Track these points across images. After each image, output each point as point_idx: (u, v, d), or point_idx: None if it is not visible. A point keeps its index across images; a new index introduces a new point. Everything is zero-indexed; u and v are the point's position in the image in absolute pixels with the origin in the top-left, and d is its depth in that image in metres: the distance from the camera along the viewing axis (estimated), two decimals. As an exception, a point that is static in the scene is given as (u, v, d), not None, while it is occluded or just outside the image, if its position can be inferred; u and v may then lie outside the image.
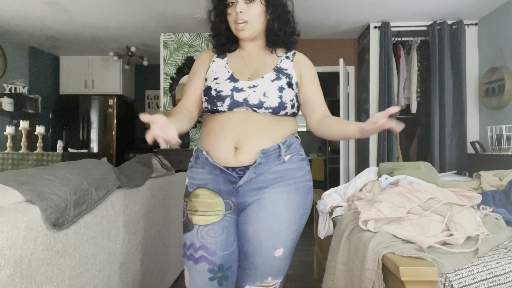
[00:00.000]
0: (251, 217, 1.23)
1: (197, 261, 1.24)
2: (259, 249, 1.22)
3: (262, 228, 1.21)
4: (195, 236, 1.25)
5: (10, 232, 1.03)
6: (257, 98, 1.22)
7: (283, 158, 1.24)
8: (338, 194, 2.18)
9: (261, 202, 1.23)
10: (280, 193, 1.23)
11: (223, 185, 1.25)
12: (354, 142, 5.04)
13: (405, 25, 4.39)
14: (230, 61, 1.34)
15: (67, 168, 1.45)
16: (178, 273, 2.70)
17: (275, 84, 1.25)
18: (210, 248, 1.24)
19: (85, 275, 1.41)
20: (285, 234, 1.23)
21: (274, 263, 1.24)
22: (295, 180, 1.26)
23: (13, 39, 5.08)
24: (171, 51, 4.68)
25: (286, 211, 1.23)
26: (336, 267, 1.59)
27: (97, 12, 4.09)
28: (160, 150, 4.25)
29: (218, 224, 1.25)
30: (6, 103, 4.77)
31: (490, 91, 3.97)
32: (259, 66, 1.31)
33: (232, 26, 1.30)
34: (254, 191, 1.24)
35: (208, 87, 1.28)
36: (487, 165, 3.43)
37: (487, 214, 1.58)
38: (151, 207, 2.10)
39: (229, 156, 1.20)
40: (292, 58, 1.36)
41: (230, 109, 1.23)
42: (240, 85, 1.25)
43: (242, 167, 1.21)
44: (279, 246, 1.23)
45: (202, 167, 1.28)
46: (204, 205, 1.26)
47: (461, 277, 1.17)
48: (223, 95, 1.23)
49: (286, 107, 1.24)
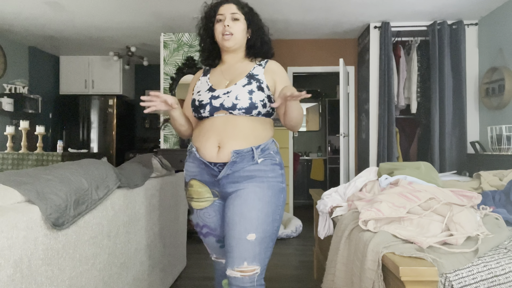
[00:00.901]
0: (229, 203, 1.46)
1: (205, 235, 1.59)
2: (233, 231, 1.40)
3: (236, 213, 1.42)
4: (197, 218, 1.58)
5: (10, 232, 1.03)
6: (231, 102, 1.46)
7: (256, 160, 1.45)
8: (338, 194, 2.18)
9: (238, 193, 1.45)
10: (253, 187, 1.44)
11: (208, 177, 1.51)
12: (354, 142, 5.04)
13: (405, 25, 4.39)
14: (212, 77, 1.61)
15: (67, 168, 1.45)
16: (178, 273, 2.70)
17: (246, 88, 1.48)
18: (210, 226, 1.57)
19: (85, 275, 1.41)
20: (256, 222, 1.40)
21: (248, 247, 1.38)
22: (267, 179, 1.46)
23: (13, 39, 5.08)
24: (171, 51, 4.67)
25: (258, 201, 1.43)
26: (336, 267, 1.59)
27: (97, 12, 4.09)
28: (160, 150, 4.25)
29: (210, 208, 1.55)
30: (6, 103, 4.77)
31: (490, 91, 3.97)
32: (235, 75, 1.56)
33: (219, 36, 1.55)
34: (231, 183, 1.46)
35: (193, 99, 1.56)
36: (487, 165, 3.43)
37: (487, 214, 1.58)
38: (151, 207, 2.10)
39: (213, 154, 1.46)
40: (264, 65, 1.59)
41: (211, 113, 1.49)
42: (217, 93, 1.51)
43: (221, 163, 1.45)
44: (251, 231, 1.39)
45: (193, 161, 1.54)
46: (197, 193, 1.54)
47: (461, 277, 1.17)
48: (204, 103, 1.50)
49: (257, 107, 1.46)
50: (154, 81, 6.42)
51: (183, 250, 2.81)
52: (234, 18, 1.54)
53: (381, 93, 4.34)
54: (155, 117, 6.42)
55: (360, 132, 4.95)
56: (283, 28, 4.64)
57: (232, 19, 1.54)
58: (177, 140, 4.63)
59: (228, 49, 1.57)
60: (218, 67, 1.64)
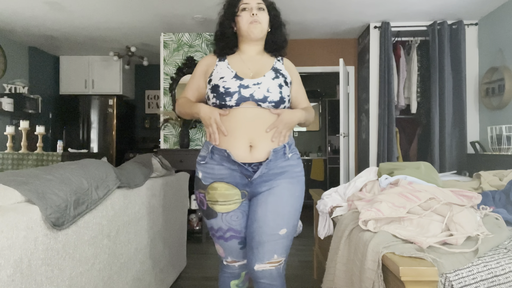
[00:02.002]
0: (261, 201, 1.47)
1: (228, 239, 1.54)
2: (265, 227, 1.43)
3: (270, 210, 1.45)
4: (221, 222, 1.51)
5: (10, 232, 1.03)
6: (262, 94, 1.43)
7: (288, 156, 1.50)
8: (338, 194, 2.18)
9: (271, 190, 1.47)
10: (286, 183, 1.48)
11: (239, 178, 1.47)
12: (354, 142, 5.04)
13: (405, 25, 4.39)
14: (231, 63, 1.55)
15: (67, 168, 1.45)
16: (178, 273, 2.70)
17: (276, 82, 1.48)
18: (236, 229, 1.52)
19: (85, 275, 1.41)
20: (288, 217, 1.47)
21: (279, 241, 1.45)
22: (296, 174, 1.53)
23: (13, 39, 5.08)
24: (171, 51, 4.67)
25: (291, 198, 1.48)
26: (336, 267, 1.59)
27: (97, 12, 4.09)
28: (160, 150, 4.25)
29: (238, 210, 1.51)
30: (6, 103, 4.76)
31: (490, 91, 3.97)
32: (259, 66, 1.54)
33: (245, 26, 1.51)
34: (264, 182, 1.47)
35: (215, 85, 1.47)
36: (487, 165, 3.43)
37: (487, 214, 1.58)
38: (151, 207, 2.10)
39: (246, 154, 1.44)
40: (282, 62, 1.63)
41: (238, 103, 1.43)
42: (246, 82, 1.45)
43: (256, 163, 1.44)
44: (283, 226, 1.46)
45: (220, 163, 1.47)
46: (223, 196, 1.48)
47: (461, 277, 1.17)
48: (231, 91, 1.43)
49: (285, 101, 1.48)
50: (154, 81, 6.42)
51: (183, 250, 2.81)
52: (260, 8, 1.53)
53: (381, 93, 4.34)
54: (155, 117, 6.42)
55: (360, 132, 4.95)
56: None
57: (258, 8, 1.52)
58: (177, 140, 4.63)
59: (253, 38, 1.53)
60: (236, 55, 1.59)
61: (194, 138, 4.60)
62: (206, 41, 4.64)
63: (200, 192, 1.53)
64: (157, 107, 6.57)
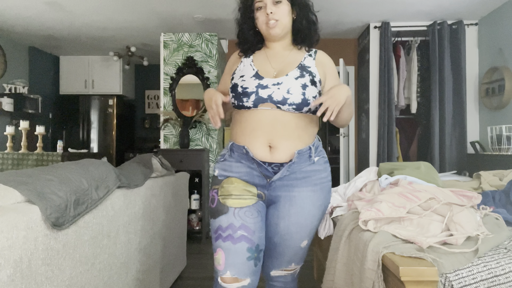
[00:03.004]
0: (283, 212, 1.36)
1: (236, 241, 1.29)
2: (289, 241, 1.38)
3: (293, 223, 1.36)
4: (233, 217, 1.31)
5: (10, 232, 1.03)
6: (281, 95, 1.29)
7: (313, 159, 1.37)
8: (338, 194, 2.18)
9: (292, 200, 1.36)
10: (308, 192, 1.36)
11: (258, 178, 1.36)
12: (354, 142, 5.04)
13: (405, 25, 4.39)
14: (256, 60, 1.43)
15: (67, 168, 1.45)
16: (178, 273, 2.69)
17: (299, 82, 1.32)
18: (250, 228, 1.31)
19: (85, 275, 1.41)
20: (310, 228, 1.40)
21: (300, 252, 1.43)
22: (320, 180, 1.39)
23: (13, 39, 5.08)
24: (171, 51, 4.67)
25: (313, 208, 1.37)
26: (336, 267, 1.59)
27: (97, 12, 4.09)
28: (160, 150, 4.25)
29: (253, 207, 1.34)
30: (6, 103, 4.76)
31: (490, 91, 3.97)
32: (284, 64, 1.39)
33: (262, 27, 1.38)
34: (285, 187, 1.36)
35: (235, 84, 1.36)
36: (487, 165, 3.43)
37: (487, 214, 1.58)
38: (151, 207, 2.10)
39: (266, 153, 1.31)
40: (314, 56, 1.43)
41: (255, 105, 1.30)
42: (265, 82, 1.32)
43: (277, 163, 1.32)
44: (305, 238, 1.40)
45: (239, 160, 1.37)
46: (239, 189, 1.34)
47: (461, 277, 1.17)
48: (249, 91, 1.31)
49: (309, 103, 1.30)
50: (154, 81, 6.42)
51: (183, 250, 2.81)
52: (276, 1, 1.35)
53: (381, 93, 4.34)
54: (155, 117, 6.42)
55: (360, 132, 4.94)
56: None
57: (273, 3, 1.35)
58: (177, 140, 4.62)
59: (276, 38, 1.39)
60: (262, 51, 1.45)
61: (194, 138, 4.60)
62: (206, 41, 4.64)
63: (214, 189, 1.39)
64: (157, 107, 6.57)
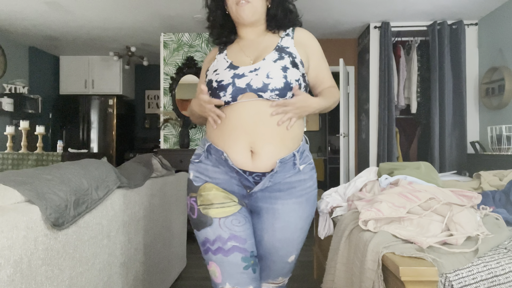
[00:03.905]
0: (267, 226, 1.27)
1: (228, 252, 1.19)
2: (274, 256, 1.31)
3: (278, 239, 1.28)
4: (220, 229, 1.20)
5: (10, 232, 1.03)
6: (261, 81, 1.16)
7: (298, 167, 1.25)
8: (338, 194, 2.18)
9: (276, 213, 1.26)
10: (293, 205, 1.26)
11: (237, 188, 1.24)
12: (354, 142, 5.04)
13: (405, 25, 4.39)
14: (230, 53, 1.31)
15: (67, 168, 1.45)
16: (178, 273, 2.69)
17: (278, 64, 1.19)
18: (240, 237, 1.20)
19: (85, 275, 1.41)
20: (297, 242, 1.32)
21: (287, 266, 1.36)
22: (306, 191, 1.28)
23: (13, 39, 5.08)
24: (171, 51, 4.67)
25: (300, 221, 1.28)
26: (336, 267, 1.59)
27: (97, 12, 4.09)
28: (160, 150, 4.25)
29: (239, 214, 1.23)
30: (6, 103, 4.76)
31: (490, 91, 3.97)
32: (260, 50, 1.27)
33: (232, 8, 1.26)
34: (267, 198, 1.25)
35: (209, 80, 1.24)
36: (487, 165, 3.42)
37: (487, 214, 1.58)
38: (151, 207, 2.10)
39: (247, 160, 1.18)
40: (292, 35, 1.31)
41: (234, 98, 1.17)
42: (241, 71, 1.20)
43: (259, 173, 1.19)
44: (293, 253, 1.33)
45: (216, 165, 1.24)
46: (220, 197, 1.22)
47: (461, 277, 1.17)
48: (224, 84, 1.19)
49: (292, 88, 1.18)
50: (154, 81, 6.42)
51: (183, 250, 2.81)
52: None
53: (381, 93, 4.34)
54: (155, 117, 6.42)
55: (360, 132, 4.95)
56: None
57: None
58: (177, 140, 4.62)
59: (245, 21, 1.27)
60: (235, 43, 1.34)
61: (194, 138, 4.60)
62: (206, 41, 4.64)
63: (191, 197, 1.26)
64: (157, 107, 6.57)
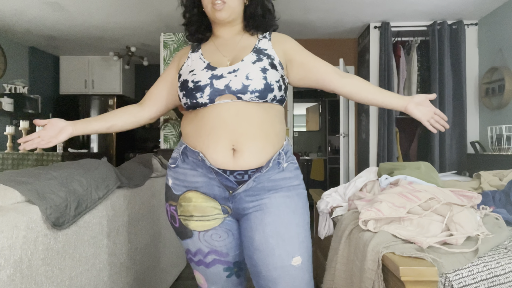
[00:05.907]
0: (255, 223, 1.13)
1: (210, 265, 1.18)
2: (271, 258, 1.11)
3: (271, 234, 1.11)
4: (199, 242, 1.17)
5: (10, 232, 1.03)
6: (240, 83, 1.11)
7: (282, 166, 1.18)
8: (338, 194, 2.18)
9: (263, 208, 1.14)
10: (281, 197, 1.15)
11: (218, 190, 1.15)
12: (354, 142, 5.04)
13: (405, 25, 4.39)
14: (205, 52, 1.25)
15: (67, 168, 1.45)
16: (178, 273, 2.69)
17: (257, 66, 1.14)
18: (221, 251, 1.18)
19: (85, 275, 1.41)
20: (297, 240, 1.13)
21: (295, 274, 1.12)
22: (294, 188, 1.20)
23: (13, 39, 5.08)
24: (171, 51, 4.67)
25: (293, 215, 1.14)
26: (336, 267, 1.59)
27: (97, 12, 4.09)
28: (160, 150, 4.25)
29: (219, 229, 1.17)
30: (6, 103, 4.76)
31: (490, 91, 3.97)
32: (237, 50, 1.22)
33: (208, 7, 1.19)
34: (252, 197, 1.15)
35: (184, 80, 1.17)
36: (487, 165, 3.42)
37: (487, 214, 1.58)
38: (151, 207, 2.10)
39: (228, 159, 1.10)
40: (269, 38, 1.26)
41: (211, 99, 1.11)
42: (219, 72, 1.14)
43: (241, 171, 1.11)
44: (296, 253, 1.12)
45: (194, 168, 1.16)
46: (199, 209, 1.16)
47: (461, 277, 1.17)
48: (202, 84, 1.12)
49: (273, 89, 1.13)
50: (154, 81, 6.37)
51: (183, 250, 2.81)
52: None
53: (381, 93, 4.34)
54: (155, 117, 6.41)
55: (360, 132, 4.95)
56: (283, 29, 4.64)
57: None
58: (177, 140, 4.62)
59: (221, 21, 1.21)
60: (210, 42, 1.28)
61: (194, 138, 4.60)
62: (206, 41, 4.64)
63: (171, 205, 1.20)
64: (157, 107, 6.57)
